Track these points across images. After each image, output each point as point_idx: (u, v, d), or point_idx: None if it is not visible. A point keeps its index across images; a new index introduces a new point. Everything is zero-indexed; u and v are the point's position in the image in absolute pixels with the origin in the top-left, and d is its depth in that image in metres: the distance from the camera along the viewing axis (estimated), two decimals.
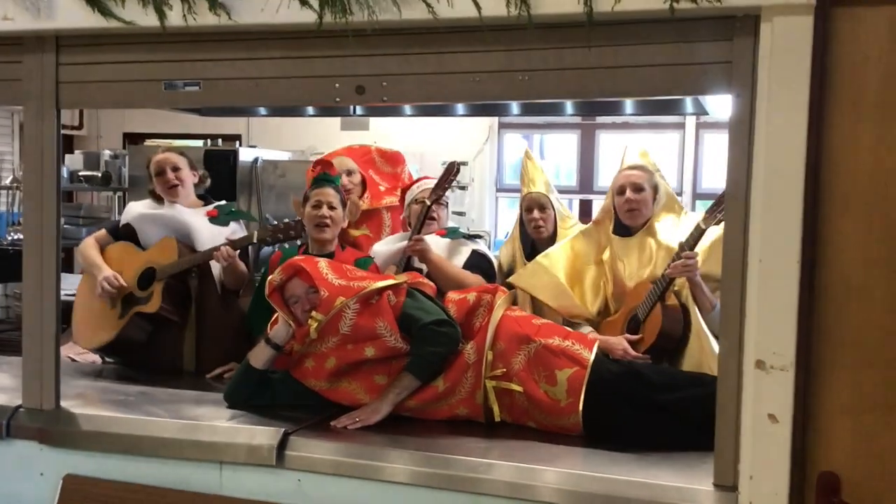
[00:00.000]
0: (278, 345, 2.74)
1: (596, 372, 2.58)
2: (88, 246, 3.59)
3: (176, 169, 3.58)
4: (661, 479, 2.20)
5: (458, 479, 2.29)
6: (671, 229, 3.17)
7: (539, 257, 3.36)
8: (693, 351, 2.97)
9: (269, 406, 2.73)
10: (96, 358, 3.81)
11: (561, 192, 8.15)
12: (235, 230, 3.60)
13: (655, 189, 3.21)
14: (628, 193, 3.17)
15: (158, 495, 2.48)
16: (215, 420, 2.59)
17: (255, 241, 3.40)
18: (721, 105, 4.71)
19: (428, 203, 3.40)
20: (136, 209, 3.63)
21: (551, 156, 8.42)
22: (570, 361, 2.60)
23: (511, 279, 3.38)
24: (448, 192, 3.54)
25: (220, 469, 2.47)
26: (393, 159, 4.02)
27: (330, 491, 2.39)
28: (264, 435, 2.45)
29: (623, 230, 3.23)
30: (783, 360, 1.97)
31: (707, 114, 4.96)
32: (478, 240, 3.63)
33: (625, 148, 3.39)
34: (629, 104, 4.55)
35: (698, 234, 2.92)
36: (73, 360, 3.88)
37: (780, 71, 1.96)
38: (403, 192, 3.75)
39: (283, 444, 2.42)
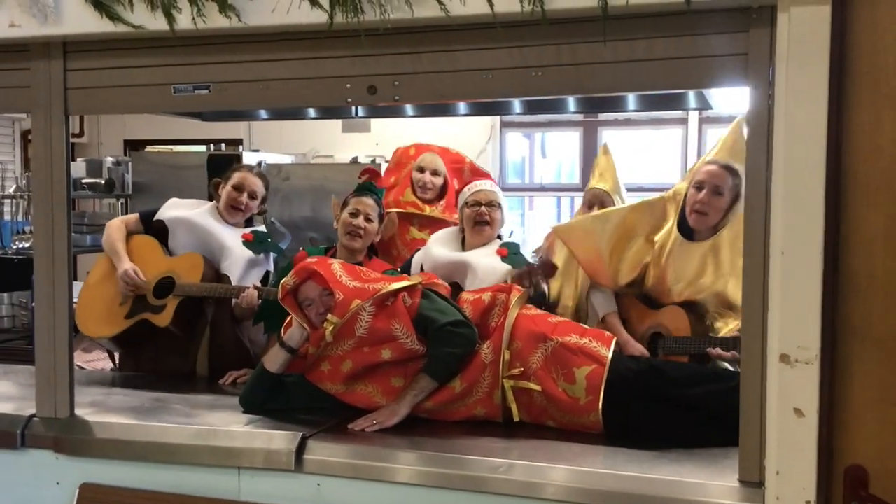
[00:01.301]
0: (293, 348, 2.72)
1: (615, 369, 2.57)
2: (115, 228, 3.51)
3: (253, 197, 3.55)
4: (684, 475, 2.18)
5: (479, 480, 2.27)
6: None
7: (593, 214, 3.25)
8: None
9: (285, 410, 2.71)
10: (106, 365, 3.80)
11: (562, 190, 8.22)
12: (262, 260, 3.56)
13: (737, 197, 2.88)
14: (703, 193, 2.93)
15: (176, 502, 2.47)
16: (232, 425, 2.58)
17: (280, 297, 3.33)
18: (725, 99, 4.71)
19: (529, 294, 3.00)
20: (177, 211, 3.55)
21: (553, 154, 8.42)
22: (589, 359, 2.59)
23: (555, 227, 3.30)
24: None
25: (238, 475, 2.45)
26: (483, 177, 3.91)
27: (349, 494, 2.37)
28: (282, 439, 2.43)
29: (686, 230, 3.02)
30: (808, 354, 1.95)
31: (711, 108, 4.94)
32: None
33: (721, 137, 3.07)
34: (632, 100, 4.53)
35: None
36: (82, 367, 3.87)
37: (798, 61, 1.94)
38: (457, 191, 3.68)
39: (301, 449, 2.40)
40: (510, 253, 3.29)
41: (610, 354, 2.61)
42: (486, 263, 3.26)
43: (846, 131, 1.93)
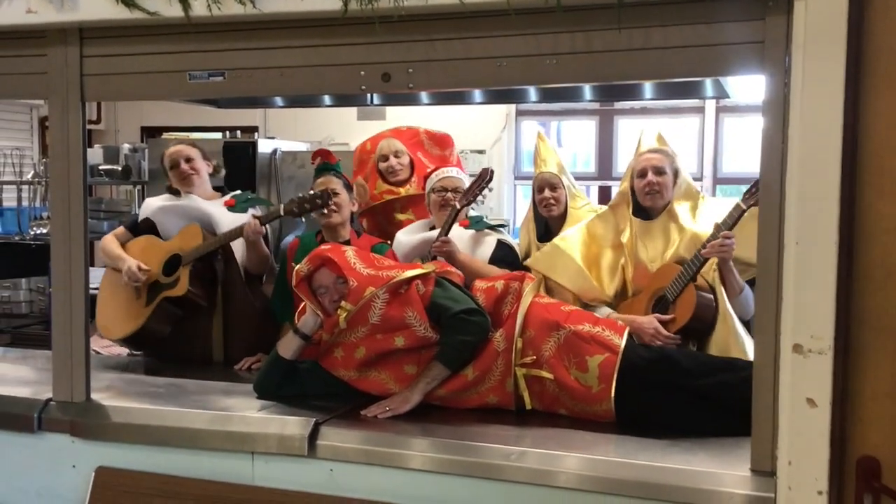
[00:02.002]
0: (307, 335, 2.73)
1: (627, 358, 2.57)
2: (109, 241, 3.61)
3: (189, 160, 3.62)
4: (695, 464, 2.19)
5: (491, 468, 2.28)
6: (691, 214, 3.15)
7: (556, 240, 3.32)
8: (720, 334, 2.94)
9: (299, 396, 2.73)
10: (122, 351, 3.83)
11: (579, 178, 8.09)
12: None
13: (676, 173, 3.19)
14: (650, 176, 3.15)
15: (191, 486, 2.49)
16: (246, 411, 2.59)
17: (282, 213, 3.39)
18: (742, 88, 4.67)
19: (458, 207, 3.34)
20: (155, 203, 3.65)
21: (569, 143, 8.38)
22: (601, 347, 2.59)
23: (528, 262, 3.35)
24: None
25: (252, 459, 2.47)
26: (442, 141, 3.99)
27: (362, 480, 2.39)
28: (296, 425, 2.45)
29: (643, 213, 3.21)
30: (821, 344, 1.94)
31: (728, 97, 4.90)
32: (501, 229, 3.59)
33: (641, 132, 3.38)
34: (648, 88, 4.50)
35: (738, 214, 2.88)
36: (98, 352, 3.90)
37: (815, 49, 1.93)
38: (424, 178, 3.73)
39: (314, 434, 2.42)
40: (472, 223, 3.49)
41: (623, 343, 2.60)
42: (453, 234, 3.34)
43: (862, 120, 1.92)
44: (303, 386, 2.76)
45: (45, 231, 6.03)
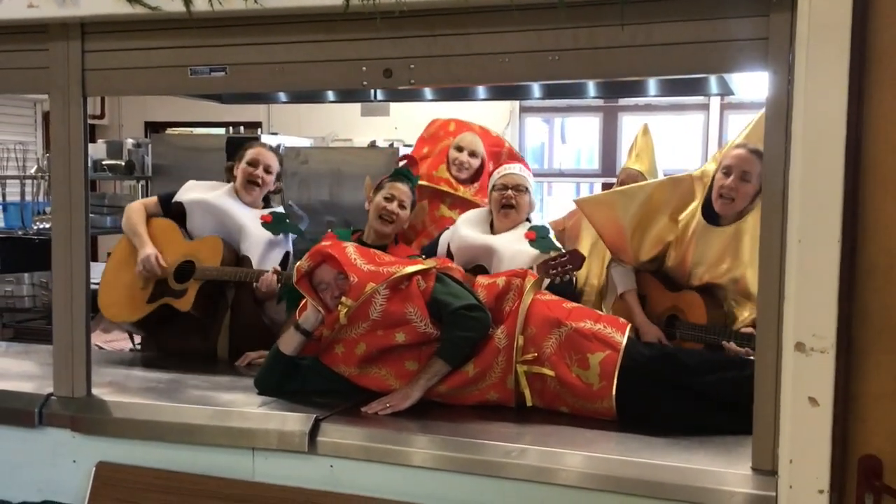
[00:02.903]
0: (308, 331, 2.73)
1: (629, 355, 2.56)
2: (135, 211, 3.52)
3: (268, 171, 3.56)
4: (696, 463, 2.18)
5: (491, 465, 2.27)
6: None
7: (617, 190, 3.23)
8: None
9: (300, 392, 2.72)
10: (125, 346, 3.83)
11: (583, 175, 8.18)
12: (281, 241, 3.57)
13: None
14: (731, 178, 2.86)
15: (191, 482, 2.49)
16: (247, 407, 2.59)
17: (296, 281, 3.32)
18: (747, 85, 4.65)
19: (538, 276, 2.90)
20: (195, 193, 3.56)
21: (573, 139, 8.37)
22: (603, 345, 2.58)
23: (577, 200, 3.28)
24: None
25: (252, 455, 2.47)
26: (520, 162, 3.83)
27: (362, 476, 2.38)
28: (296, 421, 2.45)
29: (711, 215, 2.97)
30: (823, 343, 1.93)
31: (733, 94, 4.89)
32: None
33: (752, 121, 3.01)
34: (653, 85, 4.49)
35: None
36: (101, 347, 3.91)
37: (819, 46, 1.91)
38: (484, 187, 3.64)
39: (314, 431, 2.42)
40: (538, 237, 3.27)
41: (624, 340, 2.60)
42: (513, 248, 3.24)
43: (866, 118, 1.90)
44: (304, 382, 2.76)
45: (48, 226, 6.03)
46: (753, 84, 4.73)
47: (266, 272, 3.33)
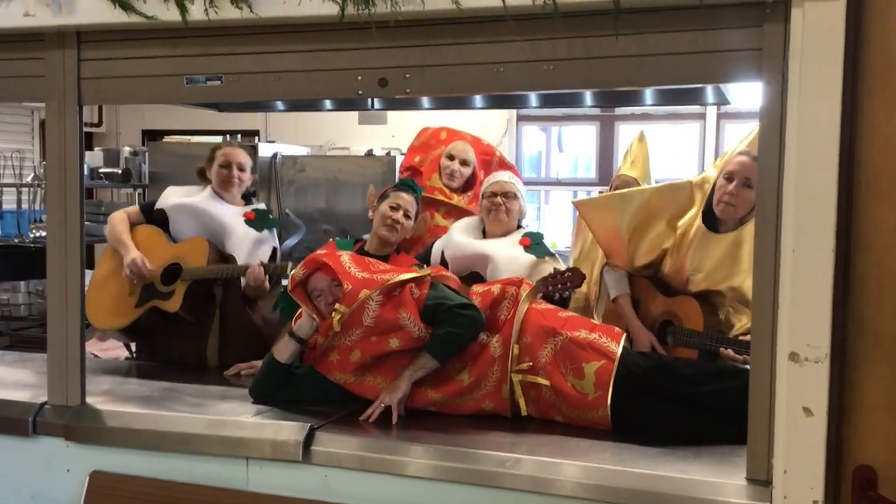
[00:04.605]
0: (302, 339, 2.73)
1: (624, 365, 2.56)
2: (119, 220, 3.53)
3: (242, 169, 3.58)
4: (691, 473, 2.17)
5: (486, 475, 2.27)
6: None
7: (616, 193, 3.23)
8: None
9: (294, 401, 2.72)
10: (120, 354, 3.82)
11: (580, 184, 8.18)
12: (267, 237, 3.57)
13: None
14: (733, 185, 2.85)
15: (185, 491, 2.48)
16: (241, 416, 2.59)
17: (288, 272, 3.25)
18: (743, 94, 4.67)
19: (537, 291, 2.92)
20: (174, 198, 3.57)
21: (570, 148, 8.38)
22: (598, 354, 2.58)
23: (575, 202, 3.29)
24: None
25: (246, 465, 2.46)
26: (510, 170, 3.86)
27: (356, 486, 2.37)
28: (290, 430, 2.44)
29: (711, 221, 2.95)
30: (817, 353, 1.93)
31: (729, 103, 4.90)
32: (559, 257, 3.35)
33: (753, 129, 2.93)
34: (649, 94, 4.50)
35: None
36: (96, 356, 3.90)
37: (812, 57, 1.92)
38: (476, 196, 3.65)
39: (309, 440, 2.41)
40: (533, 243, 3.28)
41: (619, 350, 2.60)
42: (509, 255, 3.25)
43: (859, 128, 1.91)
44: (298, 390, 2.75)
45: (44, 234, 6.04)
46: (750, 93, 4.74)
47: (252, 266, 3.33)
